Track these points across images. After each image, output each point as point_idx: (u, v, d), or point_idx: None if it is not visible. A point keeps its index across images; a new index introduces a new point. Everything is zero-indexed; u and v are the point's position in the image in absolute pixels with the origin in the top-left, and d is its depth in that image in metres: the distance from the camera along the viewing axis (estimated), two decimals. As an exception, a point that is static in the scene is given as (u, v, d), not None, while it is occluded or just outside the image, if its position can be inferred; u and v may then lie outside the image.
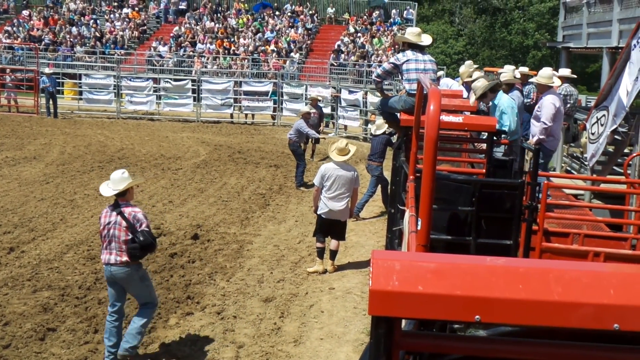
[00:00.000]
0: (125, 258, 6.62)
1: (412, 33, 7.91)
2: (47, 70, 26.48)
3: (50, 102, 25.78)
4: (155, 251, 7.22)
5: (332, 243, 9.78)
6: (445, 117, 6.43)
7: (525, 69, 12.24)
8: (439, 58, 42.82)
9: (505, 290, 2.01)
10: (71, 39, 34.47)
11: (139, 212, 6.68)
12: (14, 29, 35.47)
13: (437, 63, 8.78)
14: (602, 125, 9.98)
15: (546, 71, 8.89)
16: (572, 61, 19.15)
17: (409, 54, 7.71)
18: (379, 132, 12.85)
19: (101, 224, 6.76)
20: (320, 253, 9.71)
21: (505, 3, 49.35)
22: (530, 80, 11.19)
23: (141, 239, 6.54)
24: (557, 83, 8.91)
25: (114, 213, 6.65)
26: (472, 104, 8.03)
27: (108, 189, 6.71)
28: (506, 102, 7.76)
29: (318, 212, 9.69)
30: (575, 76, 12.17)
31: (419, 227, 3.50)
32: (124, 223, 6.58)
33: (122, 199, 6.72)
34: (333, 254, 9.80)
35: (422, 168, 3.50)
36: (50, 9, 37.63)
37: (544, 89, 8.58)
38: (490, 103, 8.12)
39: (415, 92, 6.54)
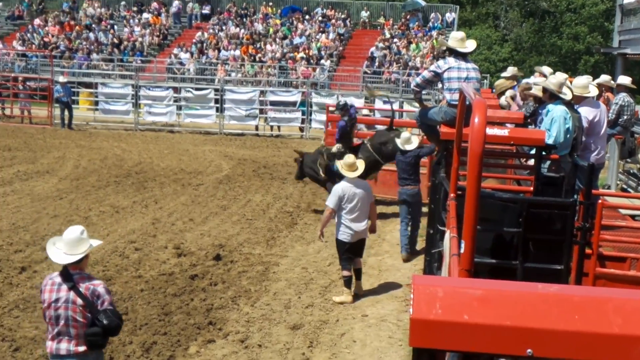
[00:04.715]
0: (82, 347, 5.40)
1: (454, 38, 7.90)
2: (61, 79, 26.90)
3: (65, 112, 26.15)
4: (119, 333, 5.93)
5: (355, 261, 9.70)
6: (490, 130, 6.39)
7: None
8: (483, 66, 42.67)
9: (559, 321, 1.98)
10: (87, 46, 35.05)
11: (99, 285, 5.45)
12: (29, 35, 36.19)
13: (480, 71, 8.75)
14: (662, 139, 9.85)
15: (581, 80, 8.81)
16: (629, 68, 18.94)
17: (451, 61, 7.70)
18: (409, 147, 11.61)
19: (44, 301, 5.46)
20: (348, 282, 9.55)
21: (555, 5, 49.08)
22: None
23: (105, 322, 5.34)
24: (594, 93, 8.81)
25: (65, 287, 5.39)
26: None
27: (61, 254, 5.47)
28: (560, 111, 7.69)
29: (341, 238, 9.52)
30: (634, 86, 12.03)
31: (461, 250, 3.47)
32: (79, 301, 5.34)
33: (74, 266, 5.49)
34: (358, 272, 9.74)
35: (465, 185, 3.48)
36: (66, 14, 38.33)
37: (579, 100, 8.50)
38: (545, 111, 8.06)
39: (457, 102, 6.53)
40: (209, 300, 9.20)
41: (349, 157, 9.63)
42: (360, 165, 9.57)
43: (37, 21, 37.41)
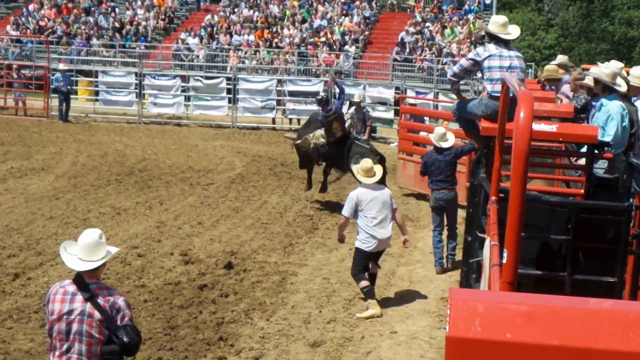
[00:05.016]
0: None
1: (496, 23, 7.87)
2: (61, 66, 27.03)
3: (63, 103, 26.26)
4: (136, 353, 5.94)
5: (371, 266, 9.88)
6: (536, 126, 6.37)
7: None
8: (527, 53, 42.42)
9: (613, 340, 1.97)
10: (86, 31, 35.27)
11: (120, 298, 5.35)
12: (23, 19, 36.48)
13: (525, 59, 8.71)
14: None
15: (639, 70, 8.74)
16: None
17: (492, 48, 7.68)
18: (445, 144, 11.45)
19: (53, 312, 5.28)
20: (371, 292, 9.59)
21: (604, -13, 48.75)
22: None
23: (125, 339, 5.23)
24: None
25: (80, 298, 5.26)
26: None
27: (76, 260, 5.37)
28: (616, 107, 7.63)
29: (363, 247, 9.67)
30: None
31: (504, 260, 3.46)
32: (97, 315, 5.21)
33: (90, 274, 5.37)
34: (373, 278, 9.88)
35: (509, 187, 3.48)
36: (63, -4, 38.60)
37: (636, 92, 8.44)
38: (598, 104, 8.01)
39: (499, 94, 6.51)
40: (219, 313, 9.24)
41: (366, 162, 9.80)
42: (378, 170, 9.78)
43: (32, 4, 37.72)
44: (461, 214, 11.97)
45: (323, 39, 34.15)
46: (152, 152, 20.66)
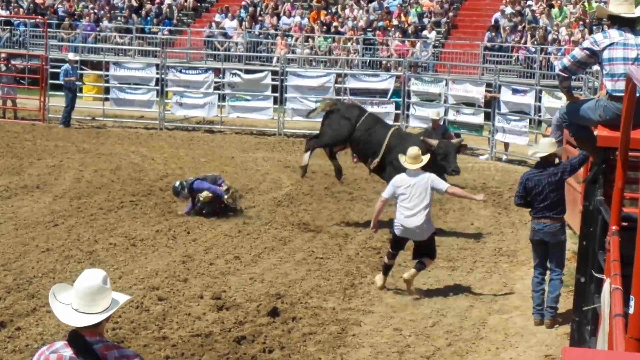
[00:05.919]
0: None
1: (616, 2, 7.82)
2: (71, 55, 27.17)
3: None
4: None
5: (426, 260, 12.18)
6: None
7: None
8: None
9: None
10: (95, 10, 35.74)
11: (135, 359, 5.12)
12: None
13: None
14: None
15: None
16: None
17: (614, 34, 7.61)
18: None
19: None
20: (387, 269, 12.24)
21: None
22: None
23: None
24: None
25: None
26: None
27: (70, 311, 5.01)
28: None
29: (393, 230, 12.13)
30: None
31: (630, 310, 3.44)
32: None
33: (91, 331, 4.99)
34: (420, 265, 12.15)
35: (636, 214, 3.47)
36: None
37: None
38: None
39: (622, 94, 6.46)
40: (261, 372, 9.27)
41: (413, 149, 12.18)
42: (425, 158, 12.26)
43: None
44: (572, 247, 11.86)
45: (395, 22, 34.11)
46: (177, 166, 20.82)
